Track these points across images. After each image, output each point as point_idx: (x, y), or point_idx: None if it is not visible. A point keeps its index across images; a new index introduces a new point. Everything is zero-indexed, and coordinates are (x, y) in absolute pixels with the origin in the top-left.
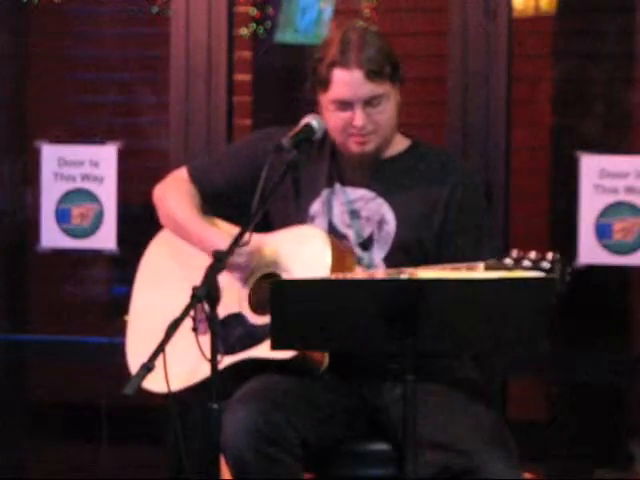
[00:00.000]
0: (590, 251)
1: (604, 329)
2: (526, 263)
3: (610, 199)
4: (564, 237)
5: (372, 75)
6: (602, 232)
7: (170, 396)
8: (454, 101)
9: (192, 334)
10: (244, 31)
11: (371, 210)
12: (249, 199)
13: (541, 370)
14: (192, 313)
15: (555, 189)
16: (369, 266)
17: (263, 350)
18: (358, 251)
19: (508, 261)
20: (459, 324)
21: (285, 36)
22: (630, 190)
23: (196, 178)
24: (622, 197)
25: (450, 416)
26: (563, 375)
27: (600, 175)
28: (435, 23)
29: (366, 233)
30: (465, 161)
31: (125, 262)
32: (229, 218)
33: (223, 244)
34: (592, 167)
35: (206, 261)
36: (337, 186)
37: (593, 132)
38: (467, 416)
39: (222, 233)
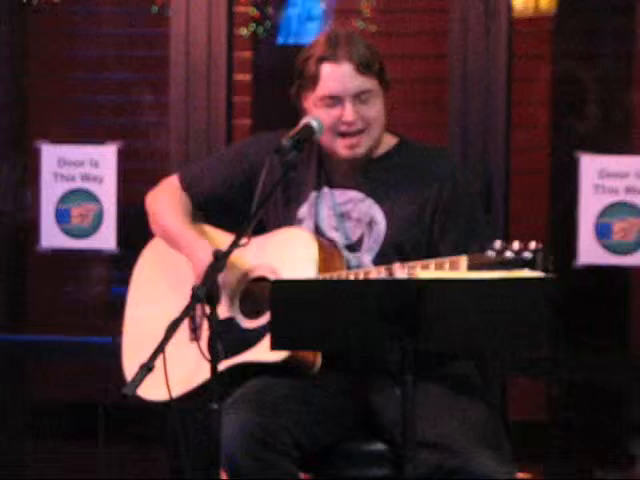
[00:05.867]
0: (590, 251)
1: (604, 329)
2: (508, 254)
3: (610, 199)
4: (564, 237)
5: (362, 69)
6: (602, 232)
7: (171, 402)
8: (454, 101)
9: (187, 341)
10: (244, 31)
11: (361, 211)
12: (241, 204)
13: (541, 370)
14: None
15: (555, 189)
16: (357, 268)
17: (256, 354)
18: (346, 253)
19: (490, 253)
20: (459, 324)
21: None
22: (630, 190)
23: (187, 185)
24: (622, 197)
25: (442, 415)
26: (563, 375)
27: (600, 175)
28: (435, 23)
29: (356, 235)
30: (453, 157)
31: (125, 262)
32: (220, 224)
33: (205, 256)
34: (592, 167)
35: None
36: (325, 189)
37: (593, 132)
38: (459, 415)
39: (205, 245)
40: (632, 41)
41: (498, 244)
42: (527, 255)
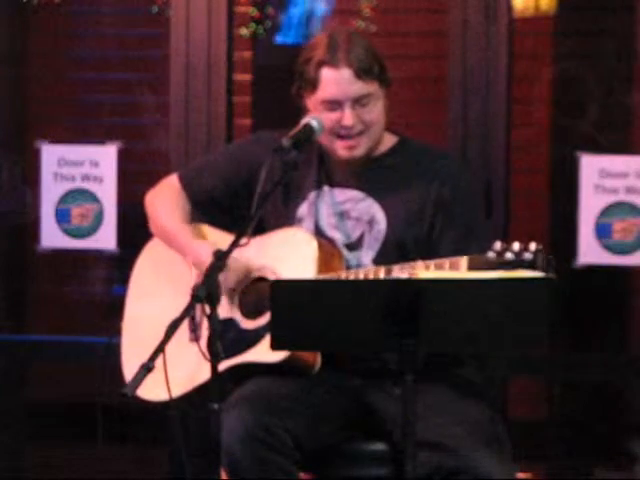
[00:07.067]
0: (590, 251)
1: (604, 329)
2: (509, 255)
3: (610, 199)
4: (564, 237)
5: (361, 73)
6: (602, 232)
7: (171, 402)
8: (454, 101)
9: (187, 341)
10: (244, 31)
11: (361, 210)
12: (240, 203)
13: (541, 370)
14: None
15: (555, 189)
16: (357, 267)
17: (255, 354)
18: (345, 252)
19: (491, 254)
20: (458, 324)
21: None
22: (630, 190)
23: (187, 184)
24: (622, 197)
25: (442, 415)
26: (563, 375)
27: (600, 175)
28: (435, 23)
29: (356, 234)
30: (454, 157)
31: (125, 262)
32: (218, 224)
33: (206, 255)
34: (592, 167)
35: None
36: (325, 189)
37: (593, 132)
38: (460, 415)
39: (205, 244)
40: (632, 41)
41: (498, 245)
42: (527, 256)
